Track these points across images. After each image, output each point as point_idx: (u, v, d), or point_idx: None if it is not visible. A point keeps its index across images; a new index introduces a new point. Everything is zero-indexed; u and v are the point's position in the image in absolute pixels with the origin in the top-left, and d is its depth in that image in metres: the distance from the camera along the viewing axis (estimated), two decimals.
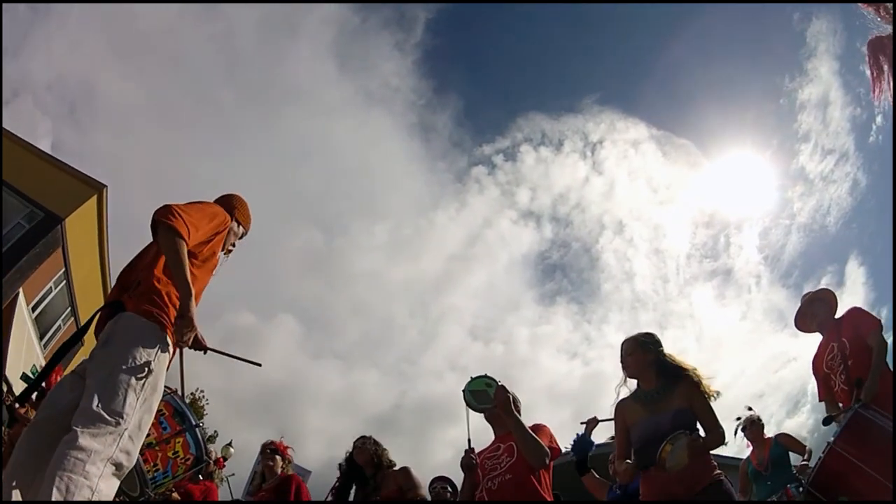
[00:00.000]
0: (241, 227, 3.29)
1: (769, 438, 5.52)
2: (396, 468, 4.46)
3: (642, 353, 3.40)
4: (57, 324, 17.57)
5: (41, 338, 16.34)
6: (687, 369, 3.29)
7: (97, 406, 2.29)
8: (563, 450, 3.69)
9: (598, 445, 5.02)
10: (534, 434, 3.33)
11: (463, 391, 3.56)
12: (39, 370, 14.46)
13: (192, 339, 2.69)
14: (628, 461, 3.29)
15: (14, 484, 2.30)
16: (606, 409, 3.47)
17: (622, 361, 3.49)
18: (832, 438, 3.46)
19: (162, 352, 2.56)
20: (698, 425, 3.18)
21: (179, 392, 3.55)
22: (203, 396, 22.06)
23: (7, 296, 13.81)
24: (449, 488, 5.42)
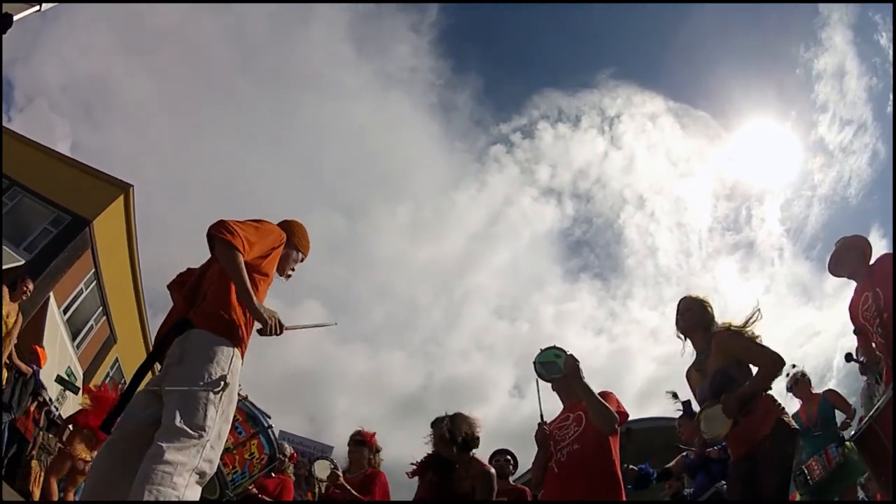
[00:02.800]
0: (299, 252, 3.29)
1: (817, 394, 5.53)
2: (483, 466, 4.11)
3: (695, 312, 3.48)
4: (89, 324, 17.74)
5: (73, 338, 16.46)
6: (716, 326, 3.38)
7: (179, 422, 2.35)
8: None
9: (639, 420, 5.08)
10: (602, 400, 3.35)
11: (533, 363, 3.61)
12: (74, 372, 15.04)
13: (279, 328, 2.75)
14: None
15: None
16: (634, 385, 3.56)
17: (678, 315, 3.56)
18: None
19: (235, 364, 2.63)
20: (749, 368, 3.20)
21: None
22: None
23: (38, 301, 13.93)
24: (511, 460, 5.41)
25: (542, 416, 3.61)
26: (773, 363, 3.11)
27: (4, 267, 13.17)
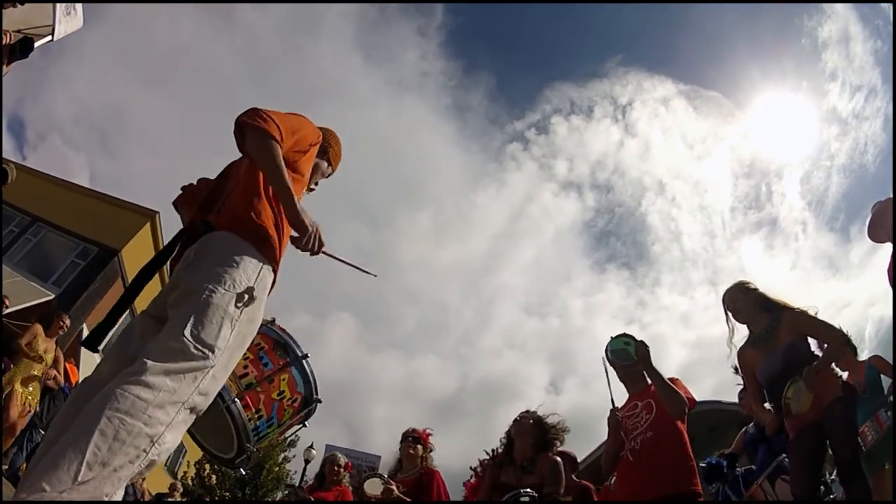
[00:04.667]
0: (329, 166, 2.76)
1: (862, 362, 5.35)
2: (551, 456, 3.88)
3: (745, 298, 3.59)
4: None
5: None
6: (784, 304, 3.48)
7: (184, 335, 1.74)
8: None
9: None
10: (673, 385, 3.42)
11: (605, 351, 3.72)
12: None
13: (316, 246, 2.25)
14: (768, 408, 3.46)
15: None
16: (668, 372, 3.52)
17: (731, 311, 3.66)
18: None
19: (265, 279, 2.05)
20: (814, 348, 3.34)
21: None
22: None
23: (71, 333, 13.71)
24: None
25: (613, 401, 3.61)
26: (840, 336, 3.33)
27: (34, 302, 13.00)
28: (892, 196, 4.13)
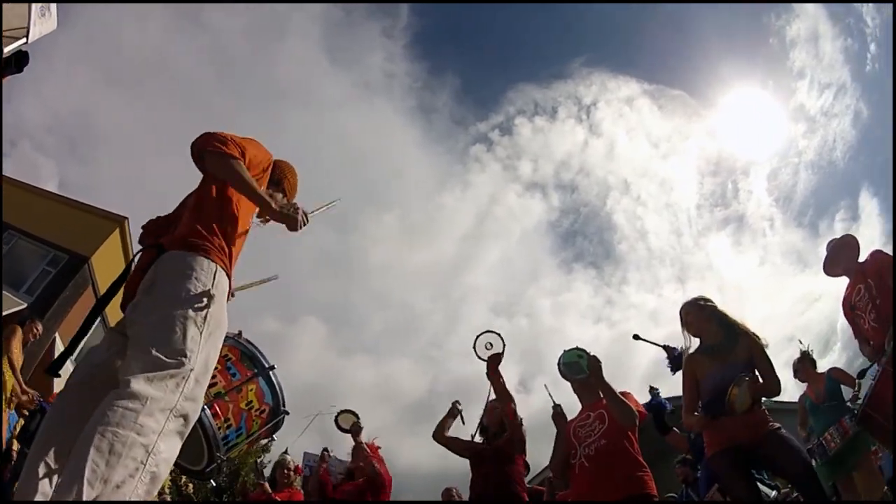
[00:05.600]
0: (284, 197, 2.82)
1: (822, 373, 5.60)
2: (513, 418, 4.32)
3: (698, 312, 3.66)
4: None
5: None
6: (745, 327, 3.55)
7: (153, 351, 1.81)
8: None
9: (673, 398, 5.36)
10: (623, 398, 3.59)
11: (558, 364, 3.83)
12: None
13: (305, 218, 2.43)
14: (697, 413, 3.49)
15: (41, 470, 1.78)
16: (639, 368, 3.86)
17: (685, 323, 3.73)
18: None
19: (221, 281, 2.12)
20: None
21: None
22: None
23: (45, 342, 13.52)
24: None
25: (552, 399, 3.88)
26: (778, 385, 3.42)
27: (6, 312, 12.80)
28: (848, 234, 4.45)
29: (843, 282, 4.36)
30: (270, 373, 3.01)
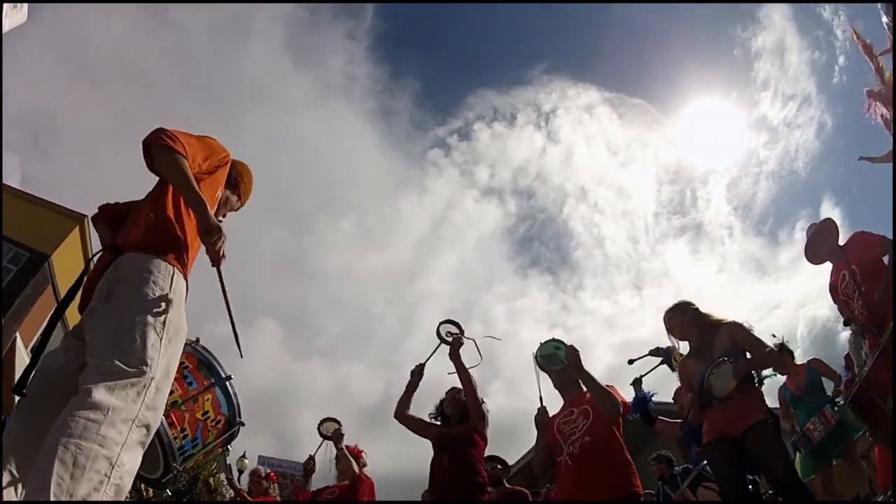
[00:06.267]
0: (238, 200, 2.77)
1: (802, 365, 5.58)
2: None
3: (680, 317, 3.73)
4: None
5: None
6: (722, 319, 3.62)
7: (113, 359, 1.78)
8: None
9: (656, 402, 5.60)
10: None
11: (534, 356, 3.80)
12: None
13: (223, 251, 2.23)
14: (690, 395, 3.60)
15: (5, 479, 1.74)
16: (595, 374, 3.62)
17: (668, 330, 3.80)
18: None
19: (178, 285, 2.09)
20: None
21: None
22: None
23: (6, 342, 13.27)
24: (500, 466, 5.65)
25: (541, 399, 3.73)
26: (769, 355, 3.54)
27: None
28: (827, 218, 4.46)
29: (802, 290, 4.39)
30: (227, 383, 3.00)
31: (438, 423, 4.45)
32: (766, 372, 5.20)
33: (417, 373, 4.55)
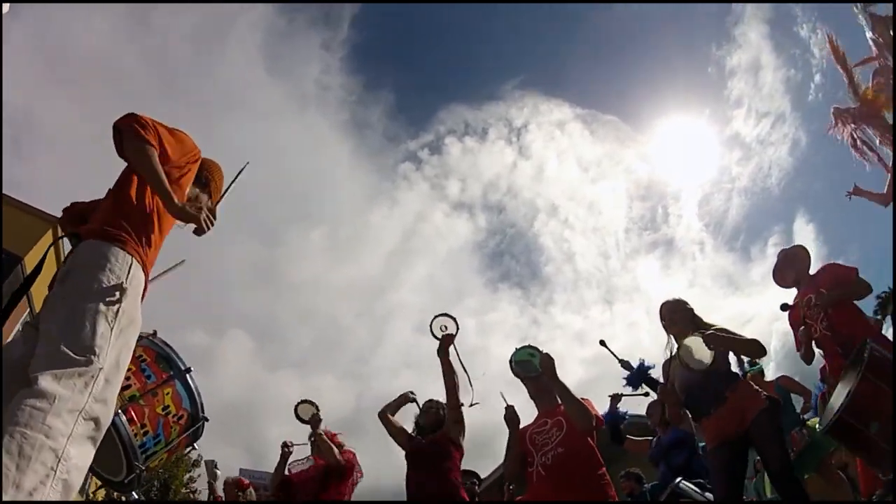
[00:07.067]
0: (210, 199, 2.70)
1: (770, 382, 5.55)
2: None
3: (682, 313, 3.73)
4: None
5: None
6: (710, 324, 3.59)
7: (60, 346, 1.73)
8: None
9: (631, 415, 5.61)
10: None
11: (510, 362, 3.77)
12: None
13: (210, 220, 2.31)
14: (668, 388, 3.59)
15: None
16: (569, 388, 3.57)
17: (667, 320, 3.77)
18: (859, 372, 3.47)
19: (136, 275, 2.04)
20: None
21: None
22: None
23: None
24: (476, 481, 5.64)
25: (504, 399, 3.74)
26: (754, 342, 3.50)
27: None
28: (799, 245, 4.47)
29: (775, 305, 4.41)
30: (187, 375, 2.91)
31: (415, 434, 4.37)
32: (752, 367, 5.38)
33: (406, 400, 4.54)
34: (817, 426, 4.65)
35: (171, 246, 2.48)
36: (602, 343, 4.83)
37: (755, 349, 3.57)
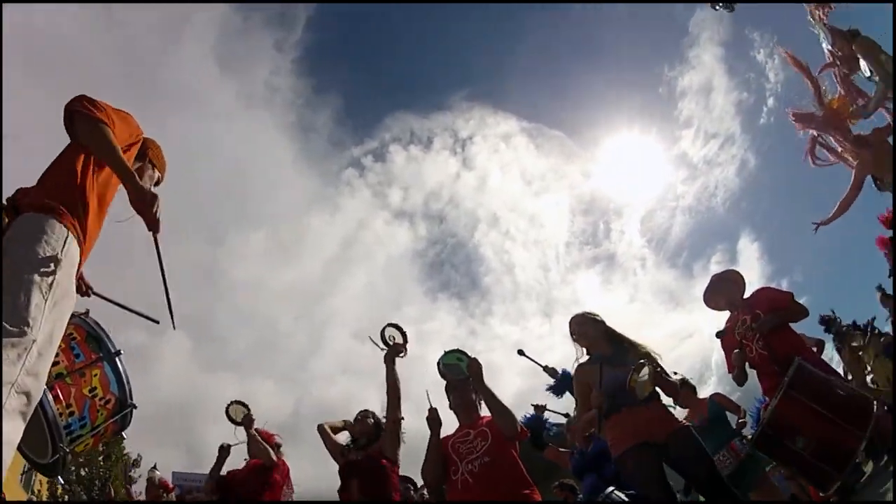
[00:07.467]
0: (155, 170, 2.75)
1: (703, 399, 5.63)
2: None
3: (593, 326, 3.73)
4: None
5: None
6: (631, 341, 3.68)
7: None
8: None
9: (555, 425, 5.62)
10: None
11: (437, 363, 3.79)
12: None
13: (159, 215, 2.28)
14: (595, 392, 3.45)
15: None
16: (505, 399, 3.62)
17: (576, 334, 3.77)
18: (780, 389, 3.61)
19: (71, 250, 2.06)
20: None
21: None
22: None
23: None
24: (412, 487, 5.65)
25: (430, 401, 3.70)
26: (677, 385, 3.67)
27: None
28: (732, 269, 4.61)
29: (720, 319, 4.50)
30: (117, 358, 2.86)
31: (349, 447, 4.31)
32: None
33: (345, 427, 4.51)
34: None
35: (115, 236, 2.51)
36: (521, 352, 4.86)
37: (676, 394, 3.66)
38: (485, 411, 3.75)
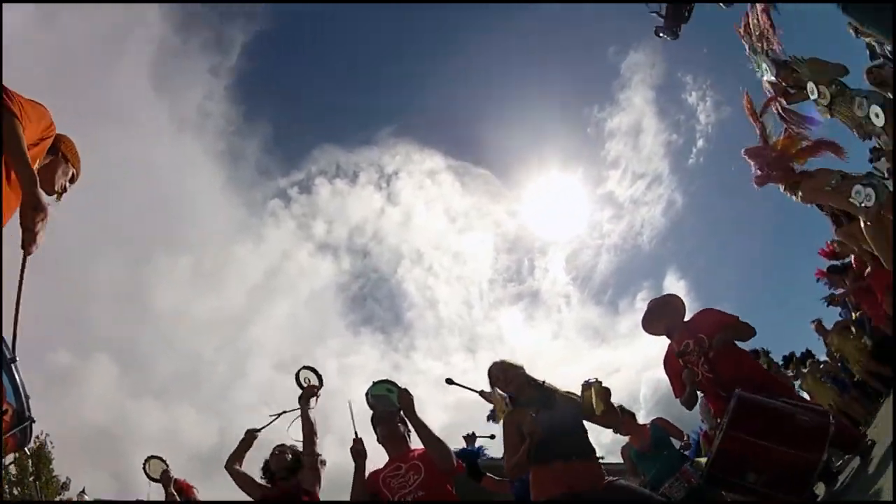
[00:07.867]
0: (70, 166, 2.62)
1: (644, 425, 5.56)
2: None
3: (516, 372, 3.52)
4: None
5: None
6: (553, 387, 3.49)
7: None
8: None
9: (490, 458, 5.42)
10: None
11: (366, 394, 3.65)
12: None
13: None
14: (532, 417, 3.24)
15: None
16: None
17: (500, 381, 3.56)
18: (722, 427, 3.56)
19: None
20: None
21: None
22: (49, 441, 19.89)
23: None
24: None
25: (356, 432, 3.57)
26: (619, 419, 3.58)
27: None
28: (673, 294, 4.59)
29: (643, 354, 4.49)
30: (12, 366, 2.53)
31: (264, 482, 4.19)
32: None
33: (249, 439, 4.41)
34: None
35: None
36: (449, 381, 4.78)
37: (615, 424, 3.57)
38: (415, 444, 3.62)
